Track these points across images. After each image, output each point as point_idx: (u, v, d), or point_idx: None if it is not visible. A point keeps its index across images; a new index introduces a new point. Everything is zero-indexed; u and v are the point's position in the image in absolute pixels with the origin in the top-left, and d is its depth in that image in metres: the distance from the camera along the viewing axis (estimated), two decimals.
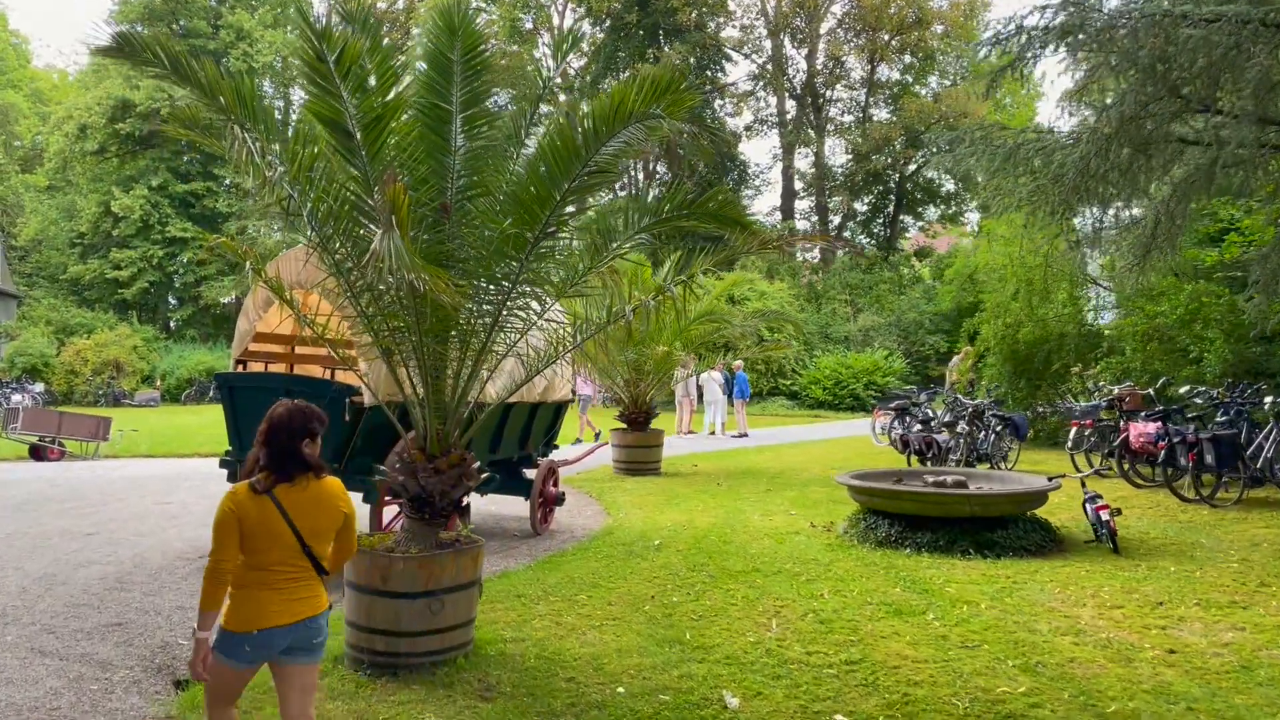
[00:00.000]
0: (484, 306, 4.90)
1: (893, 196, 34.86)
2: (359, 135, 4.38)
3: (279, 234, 35.58)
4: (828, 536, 8.40)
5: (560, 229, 4.65)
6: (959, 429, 11.54)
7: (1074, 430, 11.47)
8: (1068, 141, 8.33)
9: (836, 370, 24.60)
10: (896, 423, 15.32)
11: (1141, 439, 10.00)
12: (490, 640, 5.29)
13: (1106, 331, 13.66)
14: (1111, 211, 10.73)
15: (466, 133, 4.84)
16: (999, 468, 11.95)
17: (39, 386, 25.56)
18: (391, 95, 4.43)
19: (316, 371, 8.21)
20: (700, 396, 19.08)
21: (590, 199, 4.87)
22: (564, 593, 6.40)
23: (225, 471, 7.35)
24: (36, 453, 14.43)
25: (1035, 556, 7.39)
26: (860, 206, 36.04)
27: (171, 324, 37.32)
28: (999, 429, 11.93)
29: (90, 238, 35.98)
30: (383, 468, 6.94)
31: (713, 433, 18.48)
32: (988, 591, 6.30)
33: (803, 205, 36.86)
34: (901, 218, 35.95)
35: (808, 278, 31.22)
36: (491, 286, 4.86)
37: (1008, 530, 7.61)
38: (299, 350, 7.98)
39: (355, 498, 7.62)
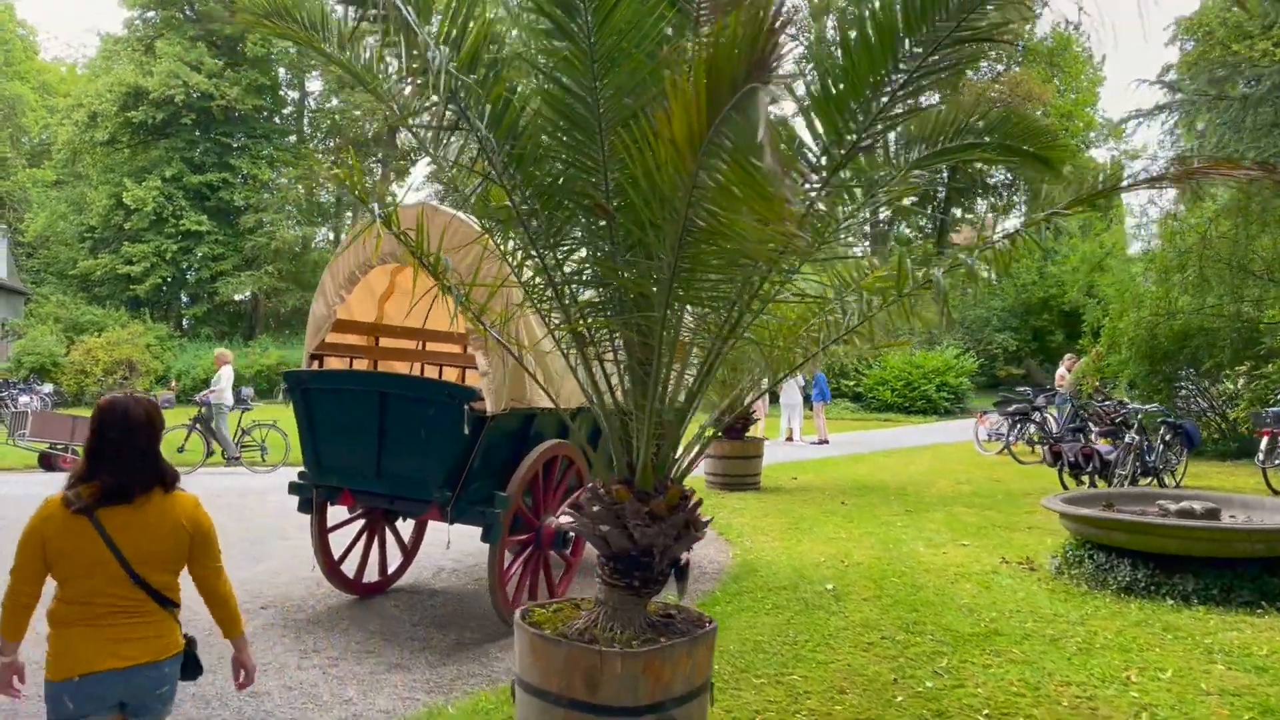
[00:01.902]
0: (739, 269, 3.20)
1: (943, 186, 33.02)
2: None
3: (298, 229, 33.99)
4: (1037, 577, 6.72)
5: (893, 128, 2.97)
6: (1127, 438, 9.81)
7: (1264, 440, 9.75)
8: None
9: (906, 370, 22.81)
10: (1014, 431, 13.65)
11: None
12: None
13: (1263, 324, 11.93)
14: None
15: None
16: (1165, 483, 10.24)
17: (48, 387, 23.89)
18: None
19: (401, 369, 6.54)
20: (774, 399, 17.37)
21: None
22: (763, 669, 4.72)
23: (297, 498, 5.68)
24: (47, 461, 12.75)
25: None
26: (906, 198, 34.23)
27: (184, 322, 35.66)
28: (1168, 438, 10.21)
29: (101, 231, 34.29)
30: (503, 494, 5.31)
31: (789, 439, 16.76)
32: None
33: None
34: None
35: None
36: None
37: None
38: (383, 343, 6.30)
39: (472, 533, 5.96)
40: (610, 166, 2.93)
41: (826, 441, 16.61)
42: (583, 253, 3.39)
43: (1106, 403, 11.04)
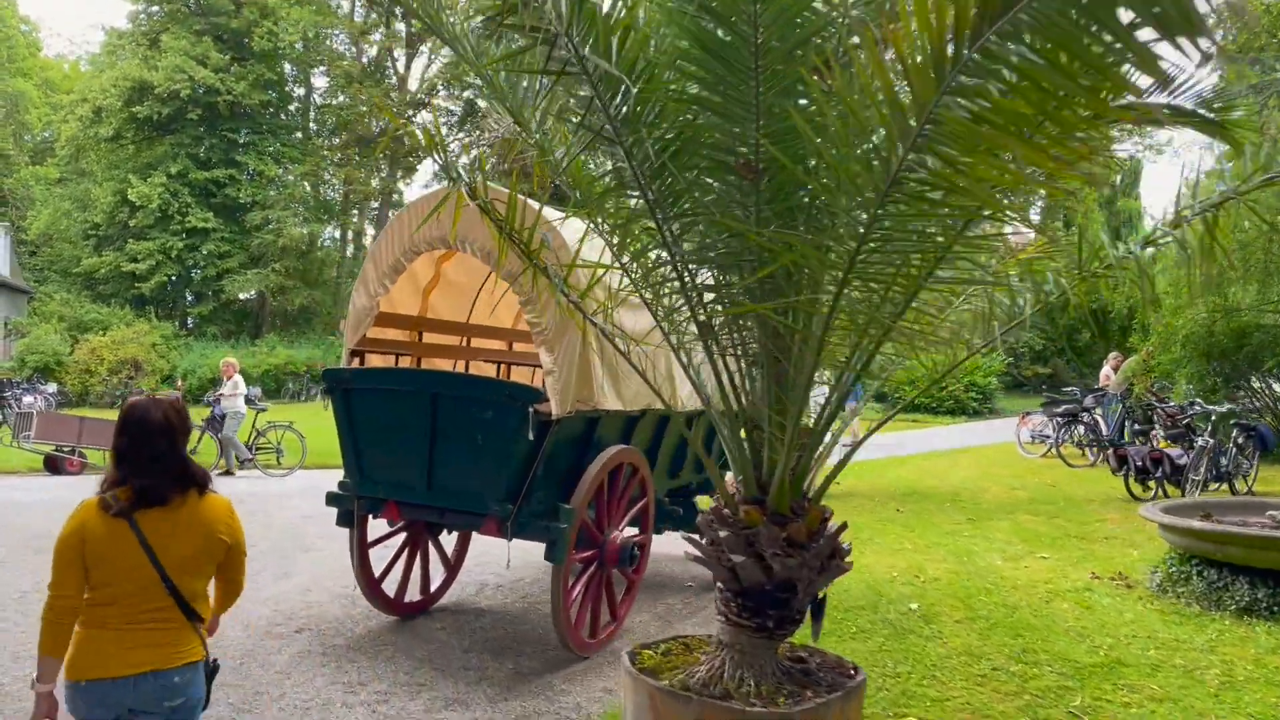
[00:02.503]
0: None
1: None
2: None
3: (304, 226, 33.43)
4: (1136, 595, 6.15)
5: None
6: (1201, 441, 9.23)
7: None
8: None
9: (934, 369, 22.11)
10: (1062, 432, 13.08)
11: None
12: None
13: None
14: None
15: None
16: (1237, 489, 9.66)
17: (51, 387, 23.35)
18: None
19: (444, 366, 5.97)
20: None
21: None
22: (872, 707, 4.17)
23: (334, 509, 5.10)
24: (53, 464, 12.19)
25: None
26: None
27: (190, 320, 35.09)
28: (1240, 441, 9.63)
29: (105, 229, 33.75)
30: (568, 507, 4.74)
31: None
32: None
33: None
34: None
35: None
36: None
37: None
38: (427, 338, 5.73)
39: (535, 550, 5.39)
40: (763, 112, 2.36)
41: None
42: (703, 226, 2.82)
43: (1170, 404, 10.45)
